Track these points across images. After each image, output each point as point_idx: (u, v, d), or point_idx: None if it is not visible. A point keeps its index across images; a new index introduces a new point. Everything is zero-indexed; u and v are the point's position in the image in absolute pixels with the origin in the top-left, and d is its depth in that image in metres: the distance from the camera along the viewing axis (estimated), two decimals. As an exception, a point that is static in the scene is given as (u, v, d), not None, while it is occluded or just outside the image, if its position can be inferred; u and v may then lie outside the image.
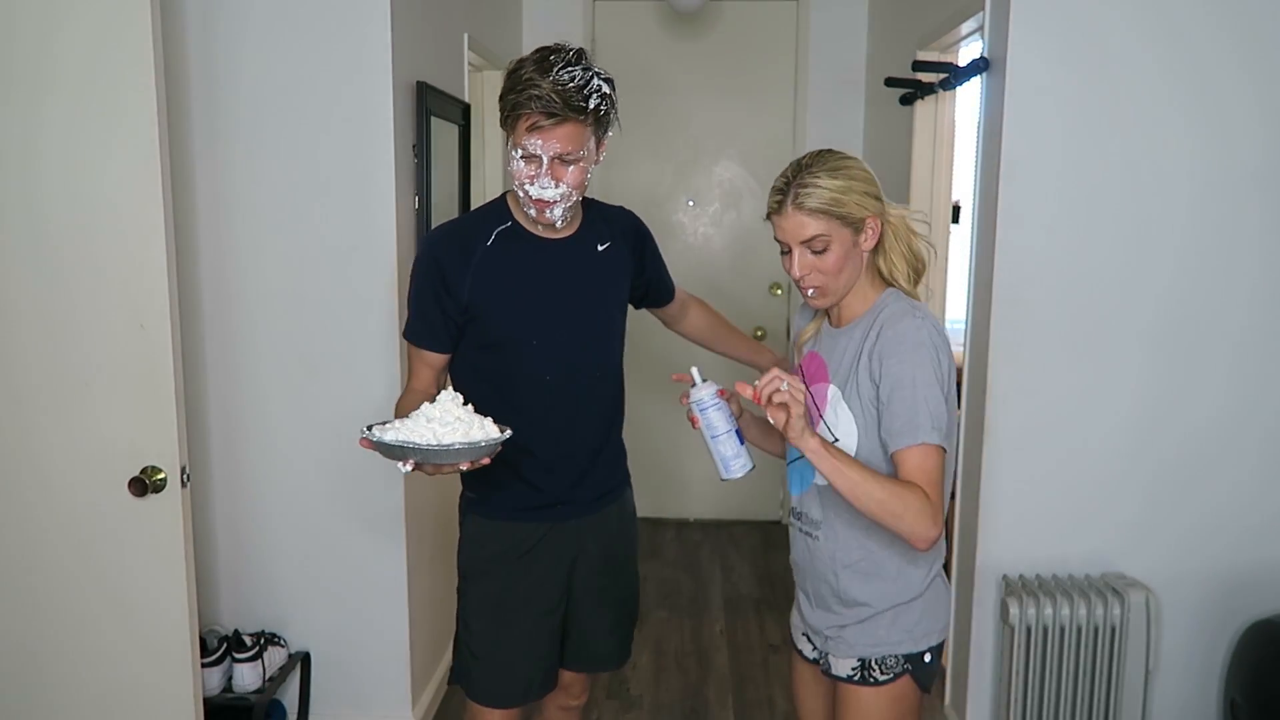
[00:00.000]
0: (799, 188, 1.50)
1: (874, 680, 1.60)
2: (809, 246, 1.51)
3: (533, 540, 1.80)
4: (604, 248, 1.81)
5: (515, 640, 1.82)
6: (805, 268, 1.53)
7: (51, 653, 1.91)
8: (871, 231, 1.54)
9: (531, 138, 1.59)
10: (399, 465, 1.50)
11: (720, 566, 3.99)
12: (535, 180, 1.62)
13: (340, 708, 2.66)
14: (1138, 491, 2.45)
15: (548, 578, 1.82)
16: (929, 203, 3.27)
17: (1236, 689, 2.43)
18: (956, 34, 2.87)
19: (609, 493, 1.90)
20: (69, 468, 1.84)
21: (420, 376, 1.78)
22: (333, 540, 2.58)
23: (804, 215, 1.50)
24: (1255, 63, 2.30)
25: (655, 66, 4.22)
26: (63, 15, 1.72)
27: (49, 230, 1.79)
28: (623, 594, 1.97)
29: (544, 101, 1.55)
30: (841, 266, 1.53)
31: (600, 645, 1.94)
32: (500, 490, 1.80)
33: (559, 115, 1.57)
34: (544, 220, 1.70)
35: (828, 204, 1.49)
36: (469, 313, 1.71)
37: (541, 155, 1.60)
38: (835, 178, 1.50)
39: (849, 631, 1.62)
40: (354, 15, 2.38)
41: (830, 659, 1.66)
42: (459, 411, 1.52)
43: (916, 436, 1.45)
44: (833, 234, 1.50)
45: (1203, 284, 2.38)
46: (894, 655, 1.59)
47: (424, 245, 1.78)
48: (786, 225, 1.52)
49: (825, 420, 1.57)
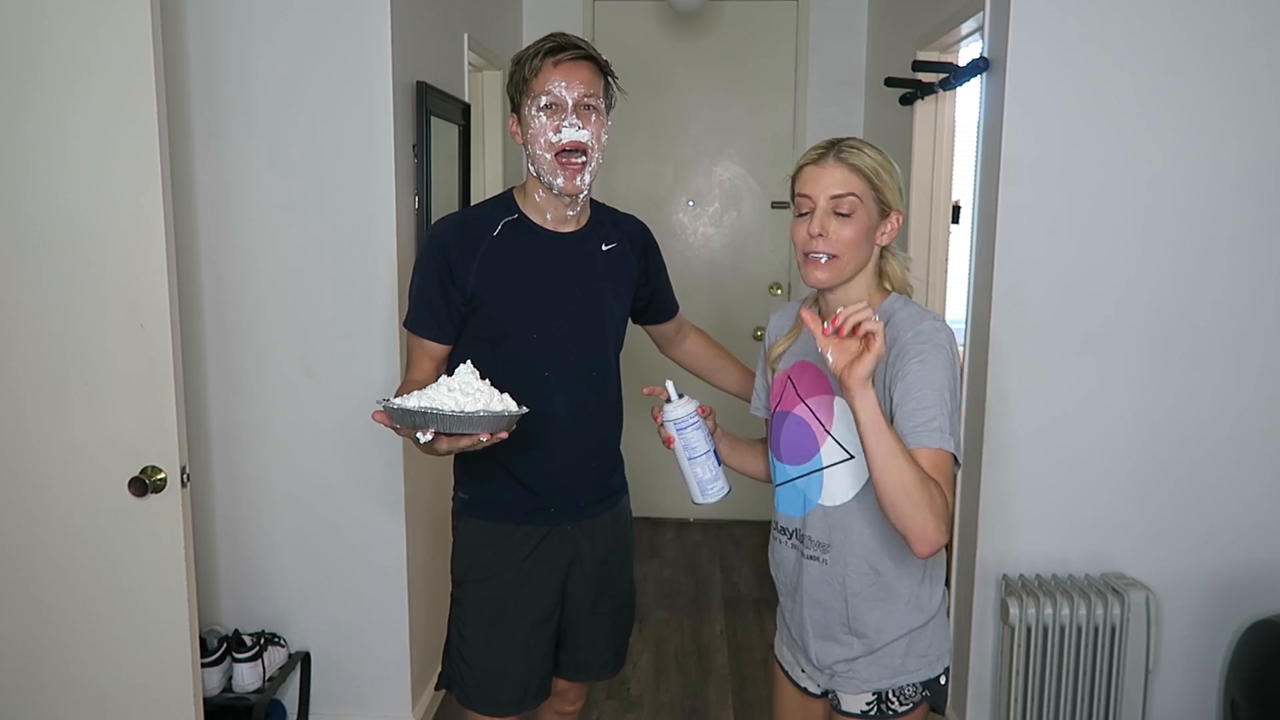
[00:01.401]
0: (847, 145, 1.45)
1: (892, 713, 1.50)
2: (836, 206, 1.43)
3: (530, 544, 1.78)
4: (609, 248, 1.80)
5: (512, 648, 1.79)
6: (826, 228, 1.42)
7: (51, 653, 1.90)
8: (892, 228, 1.48)
9: (555, 78, 1.63)
10: (418, 435, 1.44)
11: (720, 566, 3.99)
12: (561, 126, 1.64)
13: (340, 708, 2.66)
14: (1138, 491, 2.45)
15: (545, 584, 1.80)
16: (929, 202, 3.27)
17: (1236, 689, 2.43)
18: (956, 34, 2.87)
19: (607, 498, 1.87)
20: (69, 468, 1.84)
21: (421, 368, 1.75)
22: (333, 540, 2.58)
23: (845, 169, 1.42)
24: (1255, 63, 2.30)
25: (655, 66, 4.22)
26: (63, 15, 1.72)
27: (49, 230, 1.79)
28: (619, 603, 1.93)
29: (565, 43, 1.64)
30: (859, 244, 1.44)
31: (595, 654, 1.91)
32: (496, 491, 1.78)
33: (581, 50, 1.65)
34: (571, 186, 1.66)
35: (870, 168, 1.43)
36: (472, 303, 1.70)
37: (566, 97, 1.64)
38: (880, 154, 1.46)
39: (860, 665, 1.51)
40: (354, 15, 2.38)
41: (839, 696, 1.54)
42: (478, 384, 1.49)
43: (934, 440, 1.35)
44: (864, 201, 1.43)
45: (1203, 284, 2.38)
46: (912, 684, 1.50)
47: (431, 234, 1.76)
48: (823, 177, 1.43)
49: (833, 435, 1.47)
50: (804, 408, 1.52)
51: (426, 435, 1.44)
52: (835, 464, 1.49)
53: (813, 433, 1.50)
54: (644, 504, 3.36)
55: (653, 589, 3.75)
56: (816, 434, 1.50)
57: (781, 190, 4.27)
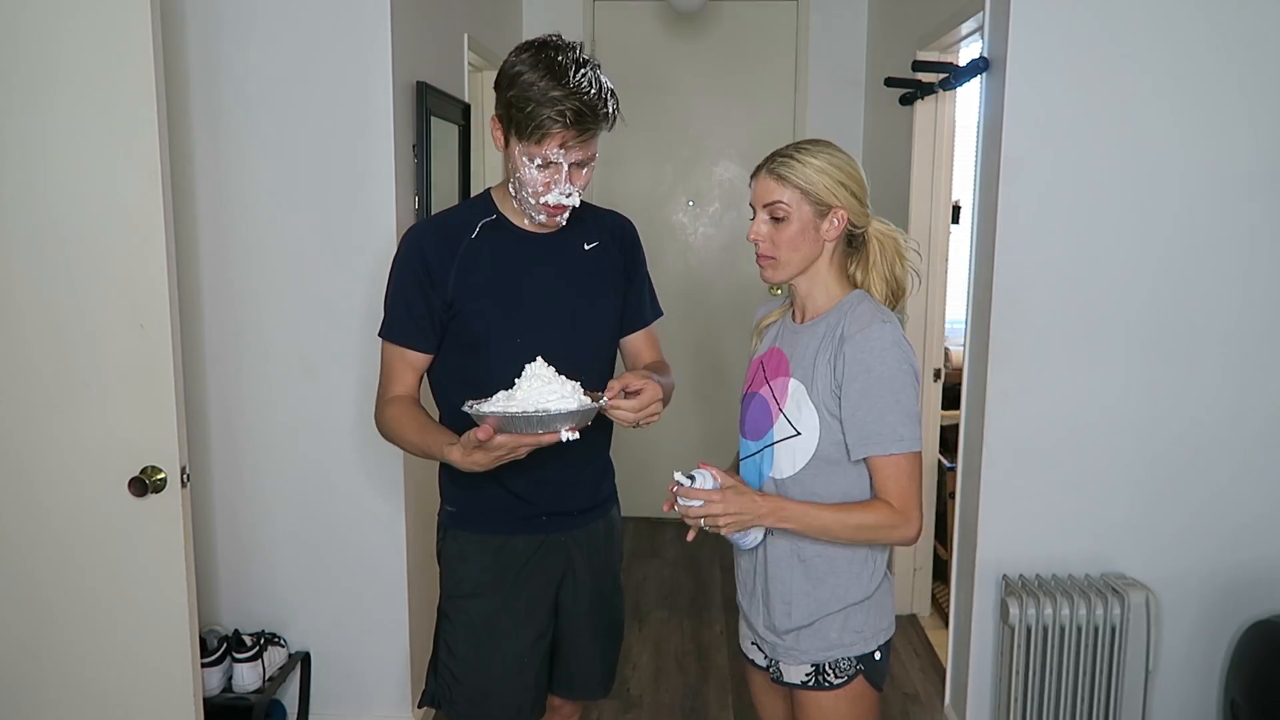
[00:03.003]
0: (779, 156, 1.58)
1: (829, 684, 1.60)
2: (770, 211, 1.57)
3: (524, 556, 1.74)
4: (591, 247, 1.75)
5: (504, 663, 1.74)
6: (760, 234, 1.58)
7: (51, 652, 1.91)
8: (837, 222, 1.56)
9: (551, 150, 1.55)
10: (563, 434, 1.42)
11: (720, 566, 3.99)
12: (554, 187, 1.59)
13: (340, 708, 2.66)
14: (1138, 491, 2.45)
15: (538, 598, 1.76)
16: (929, 203, 3.26)
17: (1236, 689, 2.43)
18: (956, 34, 2.87)
19: (597, 506, 1.82)
20: (69, 468, 1.84)
21: (404, 380, 1.68)
22: (333, 540, 2.58)
23: (772, 180, 1.56)
24: (1254, 64, 2.30)
25: (655, 66, 4.22)
26: (63, 16, 1.73)
27: (49, 230, 1.79)
28: (611, 618, 1.88)
29: (576, 116, 1.51)
30: (796, 244, 1.56)
31: (587, 671, 1.86)
32: (486, 502, 1.73)
33: (591, 129, 1.55)
34: (553, 223, 1.66)
35: (797, 176, 1.54)
36: (453, 308, 1.65)
37: (563, 163, 1.57)
38: (815, 158, 1.55)
39: (801, 637, 1.60)
40: (354, 15, 2.38)
41: (781, 666, 1.64)
42: (556, 374, 1.49)
43: (885, 447, 1.49)
44: (794, 207, 1.55)
45: (1202, 283, 2.38)
46: (847, 658, 1.59)
47: (405, 240, 1.70)
48: (759, 188, 1.59)
49: (786, 414, 1.57)
50: (768, 389, 1.62)
51: (573, 435, 1.43)
52: (784, 439, 1.58)
53: (770, 411, 1.61)
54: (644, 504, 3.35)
55: (653, 589, 3.75)
56: (772, 412, 1.60)
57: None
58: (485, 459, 1.47)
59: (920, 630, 3.38)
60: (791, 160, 1.56)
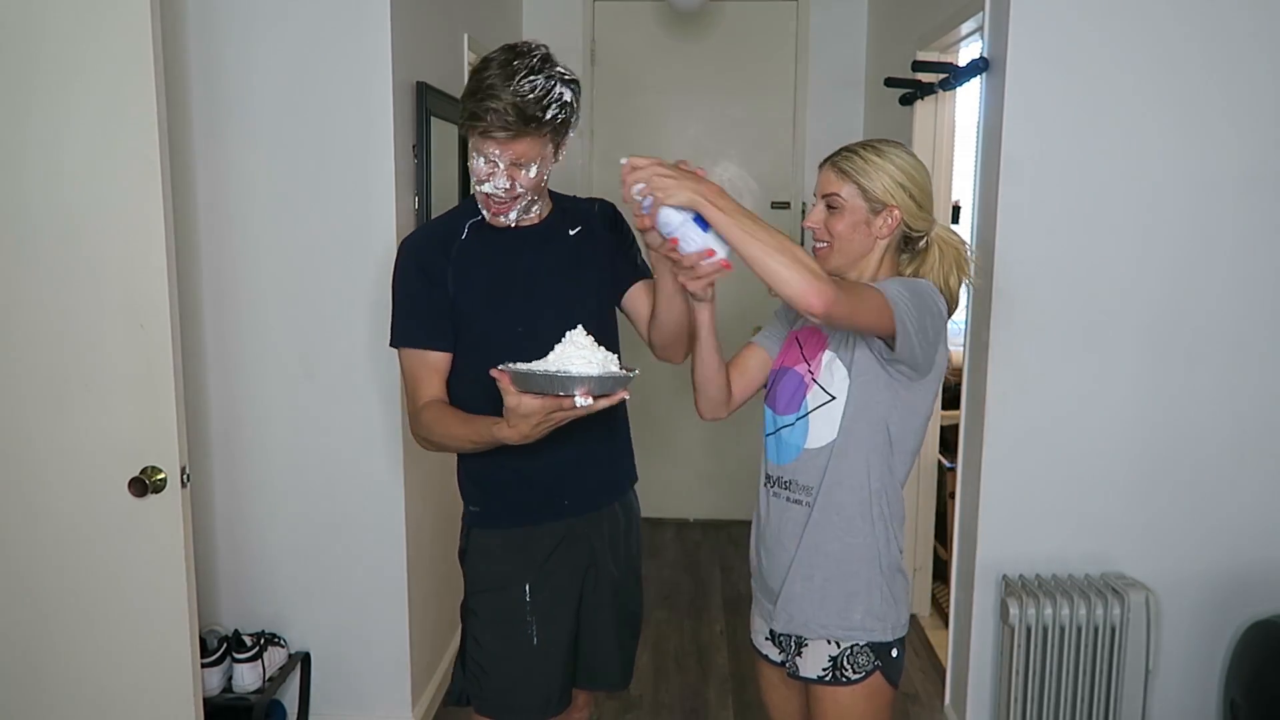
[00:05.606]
0: (845, 151, 1.63)
1: (846, 679, 1.60)
2: (827, 202, 1.62)
3: (548, 549, 1.76)
4: (575, 232, 1.78)
5: (530, 652, 1.76)
6: (815, 220, 1.64)
7: (51, 653, 1.91)
8: (890, 221, 1.59)
9: (488, 146, 1.59)
10: (578, 399, 1.38)
11: (720, 566, 3.99)
12: (491, 179, 1.62)
13: (340, 708, 2.66)
14: (1138, 491, 2.45)
15: (563, 588, 1.78)
16: (929, 203, 3.26)
17: (1236, 689, 2.43)
18: (956, 34, 2.87)
19: (616, 483, 1.86)
20: (69, 468, 1.84)
21: (430, 385, 1.69)
22: (333, 540, 2.58)
23: (833, 173, 1.62)
24: (1255, 63, 2.30)
25: (655, 66, 4.22)
26: (62, 16, 1.72)
27: (49, 230, 1.79)
28: (631, 609, 1.91)
29: (500, 115, 1.54)
30: (849, 236, 1.61)
31: (608, 662, 1.88)
32: (508, 496, 1.76)
33: (513, 130, 1.56)
34: (497, 222, 1.69)
35: (856, 171, 1.60)
36: (456, 308, 1.69)
37: (498, 162, 1.60)
38: (878, 156, 1.60)
39: (815, 602, 1.60)
40: (354, 15, 2.38)
41: (797, 660, 1.65)
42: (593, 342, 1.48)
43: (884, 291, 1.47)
44: (849, 200, 1.60)
45: (1202, 283, 2.38)
46: (864, 651, 1.60)
47: (400, 252, 1.74)
48: (820, 179, 1.65)
49: (819, 382, 1.60)
50: (804, 365, 1.65)
51: (585, 399, 1.39)
52: (819, 407, 1.60)
53: (804, 385, 1.64)
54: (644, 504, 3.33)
55: (653, 589, 3.75)
56: (806, 384, 1.63)
57: (782, 190, 4.27)
58: (526, 427, 1.45)
59: (920, 630, 3.38)
60: (854, 156, 1.61)
